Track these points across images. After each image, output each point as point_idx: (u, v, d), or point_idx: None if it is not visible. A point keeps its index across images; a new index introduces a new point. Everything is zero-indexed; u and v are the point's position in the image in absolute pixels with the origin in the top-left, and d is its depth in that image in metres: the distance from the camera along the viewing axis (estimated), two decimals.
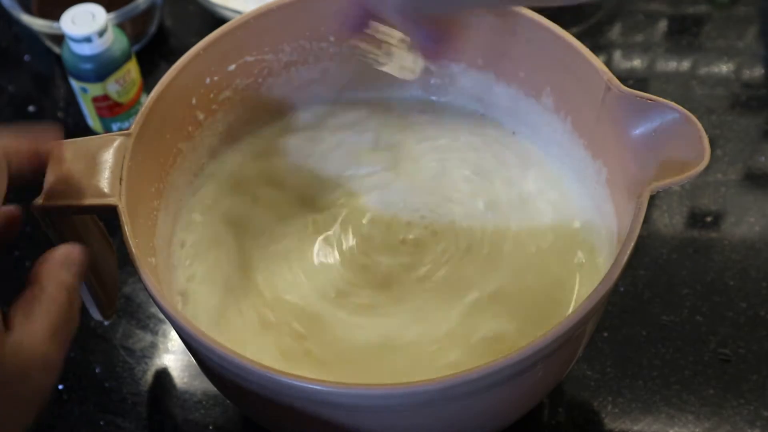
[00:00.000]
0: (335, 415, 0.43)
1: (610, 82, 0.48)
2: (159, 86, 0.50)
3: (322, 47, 0.57)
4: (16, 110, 0.75)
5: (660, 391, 0.56)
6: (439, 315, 0.51)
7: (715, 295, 0.60)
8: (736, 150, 0.68)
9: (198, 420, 0.57)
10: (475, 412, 0.44)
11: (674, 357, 0.58)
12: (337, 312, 0.51)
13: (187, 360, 0.59)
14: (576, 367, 0.57)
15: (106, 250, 0.51)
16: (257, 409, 0.48)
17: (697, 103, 0.71)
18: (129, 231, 0.45)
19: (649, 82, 0.73)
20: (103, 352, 0.60)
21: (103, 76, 0.66)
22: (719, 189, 0.65)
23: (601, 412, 0.56)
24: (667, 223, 0.64)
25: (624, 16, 0.78)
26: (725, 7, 0.78)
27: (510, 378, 0.41)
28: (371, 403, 0.41)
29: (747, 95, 0.71)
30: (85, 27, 0.64)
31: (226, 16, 0.74)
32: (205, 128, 0.55)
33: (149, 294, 0.43)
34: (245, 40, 0.55)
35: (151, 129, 0.49)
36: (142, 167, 0.48)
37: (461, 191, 0.56)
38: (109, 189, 0.46)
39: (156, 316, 0.61)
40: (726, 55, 0.74)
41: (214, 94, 0.55)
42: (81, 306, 0.42)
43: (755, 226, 0.63)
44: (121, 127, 0.71)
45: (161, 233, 0.51)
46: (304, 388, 0.40)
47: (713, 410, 0.55)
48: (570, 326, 0.40)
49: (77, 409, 0.58)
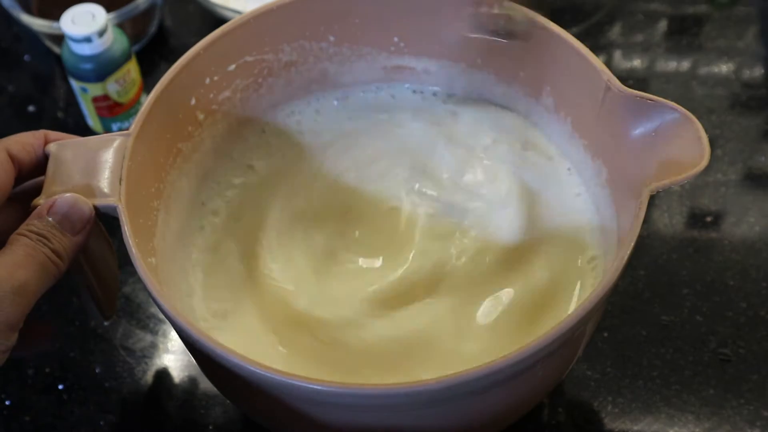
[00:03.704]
0: (335, 415, 0.43)
1: (610, 82, 0.48)
2: (159, 86, 0.50)
3: (322, 47, 0.57)
4: (16, 110, 0.75)
5: (660, 391, 0.56)
6: (454, 314, 0.51)
7: (715, 295, 0.60)
8: (736, 150, 0.68)
9: (198, 420, 0.57)
10: (475, 412, 0.44)
11: (674, 357, 0.58)
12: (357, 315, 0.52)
13: (187, 360, 0.59)
14: (576, 367, 0.57)
15: (106, 250, 0.51)
16: (257, 409, 0.48)
17: (697, 103, 0.71)
18: (129, 231, 0.45)
19: (649, 82, 0.73)
20: (103, 352, 0.60)
21: (103, 76, 0.66)
22: (719, 189, 0.65)
23: (601, 412, 0.56)
24: (667, 223, 0.64)
25: (624, 16, 0.78)
26: (725, 7, 0.78)
27: (510, 378, 0.41)
28: (371, 403, 0.41)
29: (747, 95, 0.71)
30: (85, 27, 0.64)
31: (226, 16, 0.74)
32: (205, 128, 0.55)
33: (149, 294, 0.44)
34: (245, 40, 0.55)
35: (151, 129, 0.49)
36: (142, 167, 0.48)
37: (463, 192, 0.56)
38: (109, 189, 0.46)
39: (156, 316, 0.61)
40: (726, 55, 0.74)
41: (214, 94, 0.55)
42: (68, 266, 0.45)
43: (755, 226, 0.63)
44: (121, 127, 0.71)
45: (161, 233, 0.51)
46: (304, 388, 0.40)
47: (713, 410, 0.55)
48: (570, 326, 0.40)
49: (77, 409, 0.58)
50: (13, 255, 0.42)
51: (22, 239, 0.43)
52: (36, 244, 0.43)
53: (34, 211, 0.44)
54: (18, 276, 0.42)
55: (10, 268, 0.42)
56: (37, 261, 0.42)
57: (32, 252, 0.42)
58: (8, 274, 0.41)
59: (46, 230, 0.43)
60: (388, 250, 0.54)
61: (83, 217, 0.45)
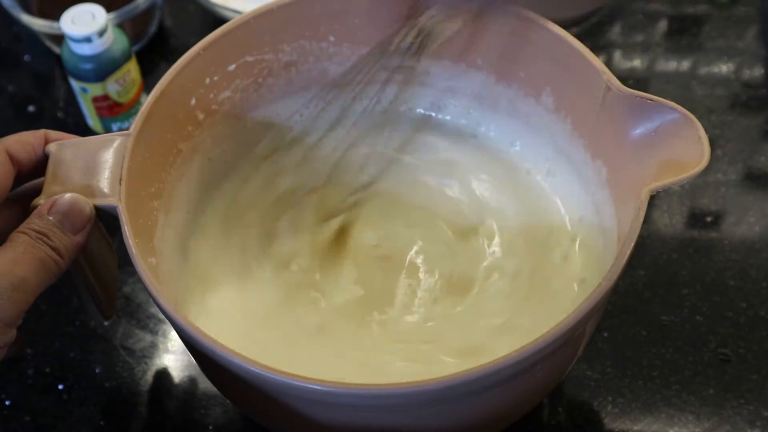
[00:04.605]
0: (335, 415, 0.43)
1: (610, 82, 0.48)
2: (159, 86, 0.50)
3: (322, 47, 0.57)
4: (16, 110, 0.75)
5: (660, 391, 0.56)
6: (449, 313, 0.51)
7: (715, 295, 0.60)
8: (736, 150, 0.68)
9: (198, 420, 0.57)
10: (475, 412, 0.44)
11: (674, 357, 0.58)
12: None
13: (187, 360, 0.59)
14: (576, 367, 0.57)
15: (106, 250, 0.51)
16: (257, 409, 0.48)
17: (697, 103, 0.71)
18: (129, 231, 0.45)
19: (649, 82, 0.73)
20: (103, 352, 0.60)
21: (103, 76, 0.66)
22: (719, 189, 0.65)
23: (601, 412, 0.56)
24: (667, 223, 0.64)
25: (624, 16, 0.78)
26: (725, 7, 0.78)
27: (510, 378, 0.41)
28: (371, 403, 0.41)
29: (747, 95, 0.71)
30: (85, 27, 0.64)
31: (226, 16, 0.74)
32: (205, 128, 0.55)
33: (149, 294, 0.44)
34: (245, 40, 0.55)
35: (151, 129, 0.49)
36: (142, 167, 0.48)
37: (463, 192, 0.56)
38: (109, 189, 0.46)
39: (156, 316, 0.61)
40: (726, 55, 0.74)
41: (214, 94, 0.55)
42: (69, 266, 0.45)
43: (755, 226, 0.63)
44: (121, 127, 0.71)
45: (161, 233, 0.51)
46: (304, 388, 0.40)
47: (713, 410, 0.55)
48: (570, 326, 0.40)
49: (77, 409, 0.58)
50: (12, 251, 0.42)
51: (22, 236, 0.43)
52: (36, 241, 0.43)
53: (35, 210, 0.44)
54: (17, 272, 0.41)
55: (9, 264, 0.42)
56: (37, 258, 0.42)
57: (32, 249, 0.42)
58: (7, 270, 0.41)
59: (47, 228, 0.43)
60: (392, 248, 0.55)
61: (84, 217, 0.45)
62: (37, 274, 0.42)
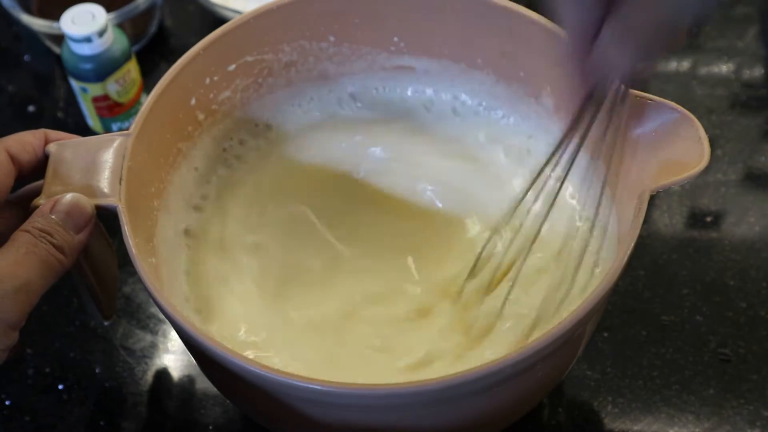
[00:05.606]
0: (335, 415, 0.43)
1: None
2: (159, 86, 0.50)
3: (322, 47, 0.57)
4: (16, 110, 0.75)
5: (660, 391, 0.56)
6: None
7: (715, 295, 0.60)
8: (736, 150, 0.68)
9: (198, 420, 0.57)
10: (475, 412, 0.44)
11: (674, 357, 0.58)
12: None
13: (187, 360, 0.59)
14: (576, 367, 0.57)
15: (106, 250, 0.51)
16: (257, 409, 0.48)
17: (697, 103, 0.71)
18: (129, 231, 0.45)
19: (649, 82, 0.73)
20: (103, 352, 0.60)
21: (103, 76, 0.66)
22: (719, 189, 0.65)
23: (601, 412, 0.56)
24: (667, 223, 0.64)
25: None
26: (725, 7, 0.78)
27: (510, 378, 0.41)
28: (370, 403, 0.41)
29: (747, 95, 0.71)
30: (85, 27, 0.64)
31: (226, 16, 0.74)
32: (205, 128, 0.55)
33: (149, 294, 0.44)
34: (245, 40, 0.55)
35: (151, 129, 0.49)
36: (142, 167, 0.48)
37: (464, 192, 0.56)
38: (109, 189, 0.46)
39: (156, 316, 0.61)
40: (726, 55, 0.74)
41: (214, 94, 0.55)
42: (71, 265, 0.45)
43: (755, 226, 0.63)
44: (121, 127, 0.71)
45: (161, 233, 0.51)
46: (304, 388, 0.40)
47: (713, 410, 0.55)
48: (570, 326, 0.40)
49: (77, 409, 0.58)
50: (14, 252, 0.42)
51: (25, 235, 0.43)
52: (38, 240, 0.42)
53: (37, 210, 0.44)
54: (19, 274, 0.41)
55: (12, 266, 0.41)
56: (39, 257, 0.42)
57: (34, 248, 0.42)
58: (9, 272, 0.41)
59: (50, 226, 0.43)
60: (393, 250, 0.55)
61: (86, 216, 0.44)
62: (40, 274, 0.42)
